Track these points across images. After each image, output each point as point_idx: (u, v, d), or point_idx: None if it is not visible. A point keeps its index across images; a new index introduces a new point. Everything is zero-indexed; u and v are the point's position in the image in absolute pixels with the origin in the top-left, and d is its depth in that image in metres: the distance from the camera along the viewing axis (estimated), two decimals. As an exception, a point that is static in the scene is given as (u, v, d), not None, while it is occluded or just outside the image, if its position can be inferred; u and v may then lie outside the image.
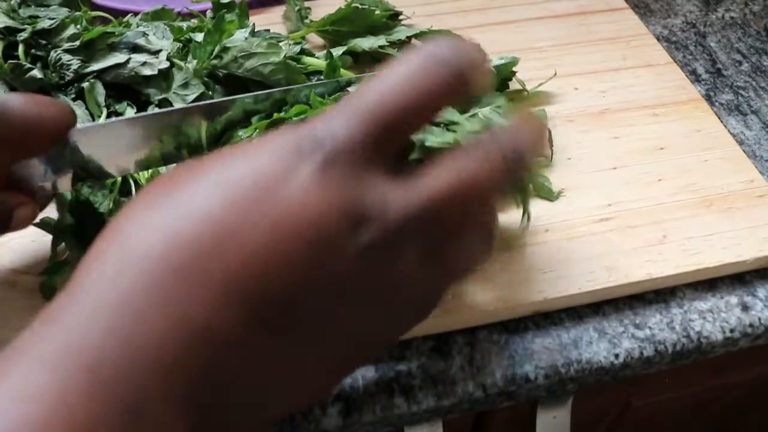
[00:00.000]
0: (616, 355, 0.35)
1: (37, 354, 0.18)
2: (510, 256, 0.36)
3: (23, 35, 0.39)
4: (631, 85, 0.48)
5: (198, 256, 0.19)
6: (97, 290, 0.19)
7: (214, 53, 0.39)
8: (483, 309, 0.34)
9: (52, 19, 0.40)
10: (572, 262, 0.36)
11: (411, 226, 0.21)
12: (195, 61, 0.39)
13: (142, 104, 0.40)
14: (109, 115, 0.39)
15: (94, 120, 0.38)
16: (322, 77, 0.41)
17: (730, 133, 0.44)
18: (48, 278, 0.34)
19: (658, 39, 0.54)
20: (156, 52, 0.40)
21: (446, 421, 0.39)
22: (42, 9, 0.43)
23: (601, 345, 0.35)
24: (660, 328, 0.36)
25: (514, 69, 0.43)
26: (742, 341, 0.37)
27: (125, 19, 0.43)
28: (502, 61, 0.41)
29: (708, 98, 0.50)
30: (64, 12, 0.43)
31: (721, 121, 0.45)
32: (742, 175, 0.41)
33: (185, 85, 0.39)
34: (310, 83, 0.38)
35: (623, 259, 0.36)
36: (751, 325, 0.36)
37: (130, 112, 0.39)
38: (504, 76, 0.42)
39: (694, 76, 0.52)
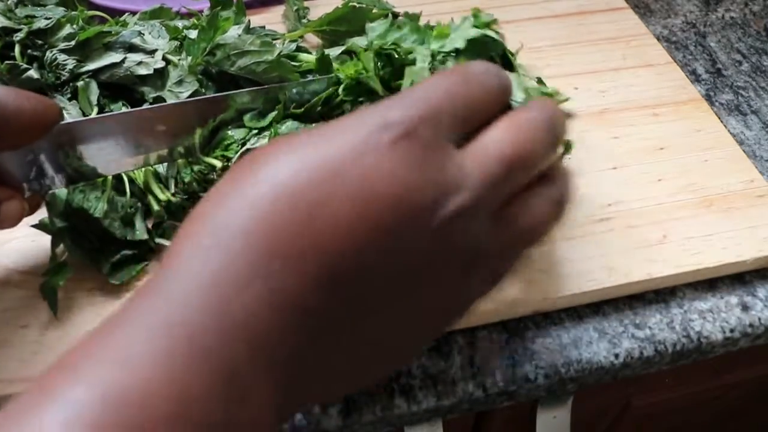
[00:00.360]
0: (616, 355, 0.35)
1: (140, 323, 0.18)
2: (510, 256, 0.36)
3: (19, 35, 0.39)
4: (631, 85, 0.48)
5: (292, 235, 0.20)
6: (194, 264, 0.19)
7: (207, 50, 0.39)
8: (483, 309, 0.34)
9: (49, 18, 0.40)
10: (572, 262, 0.36)
11: (490, 188, 0.22)
12: (189, 58, 0.39)
13: (136, 103, 0.40)
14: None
15: None
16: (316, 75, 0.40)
17: (730, 133, 0.44)
18: (48, 279, 0.34)
19: (658, 39, 0.54)
20: (152, 52, 0.40)
21: (446, 421, 0.39)
22: (39, 9, 0.43)
23: (601, 345, 0.35)
24: (660, 328, 0.36)
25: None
26: (742, 341, 0.37)
27: (122, 18, 0.43)
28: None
29: (708, 98, 0.50)
30: (60, 12, 0.43)
31: (721, 121, 0.45)
32: (742, 175, 0.41)
33: (179, 83, 0.39)
34: (303, 80, 0.38)
35: (623, 259, 0.36)
36: (751, 325, 0.36)
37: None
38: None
39: (694, 76, 0.52)
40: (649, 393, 0.51)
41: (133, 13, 0.45)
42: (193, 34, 0.40)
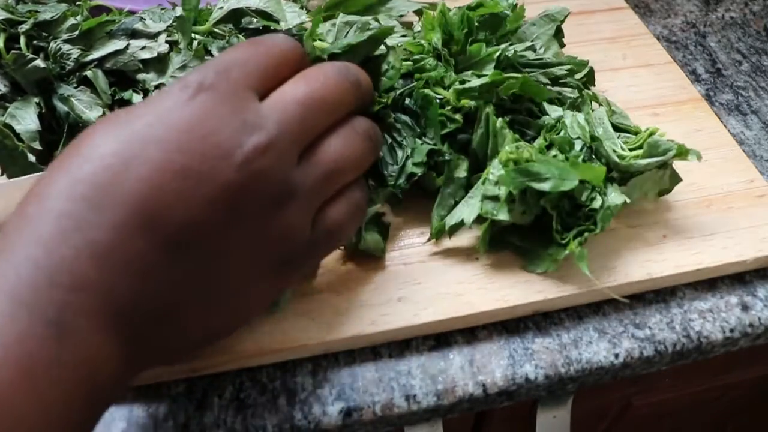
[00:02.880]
0: (616, 355, 0.35)
1: None
2: (510, 255, 0.36)
3: (25, 27, 0.39)
4: (631, 84, 0.48)
5: (97, 187, 0.22)
6: (15, 230, 0.22)
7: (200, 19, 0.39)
8: (483, 309, 0.34)
9: (54, 12, 0.41)
10: (572, 262, 0.36)
11: (287, 127, 0.25)
12: (185, 36, 0.39)
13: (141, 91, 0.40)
14: (113, 102, 0.39)
15: (103, 106, 0.39)
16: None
17: (730, 133, 0.44)
18: None
19: (658, 39, 0.54)
20: (155, 36, 0.40)
21: (446, 421, 0.39)
22: (40, 6, 0.43)
23: (601, 345, 0.35)
24: (660, 328, 0.36)
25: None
26: (742, 341, 0.37)
27: (125, 10, 0.44)
28: (555, 8, 0.45)
29: (708, 98, 0.50)
30: (63, 7, 0.43)
31: (721, 121, 0.45)
32: (742, 175, 0.41)
33: (183, 68, 0.39)
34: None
35: (623, 259, 0.36)
36: (751, 325, 0.36)
37: (137, 98, 0.39)
38: (559, 20, 0.45)
39: (694, 76, 0.52)
40: (649, 393, 0.51)
41: (132, 12, 0.45)
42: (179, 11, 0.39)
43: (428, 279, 0.35)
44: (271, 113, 0.25)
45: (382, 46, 0.36)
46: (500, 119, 0.36)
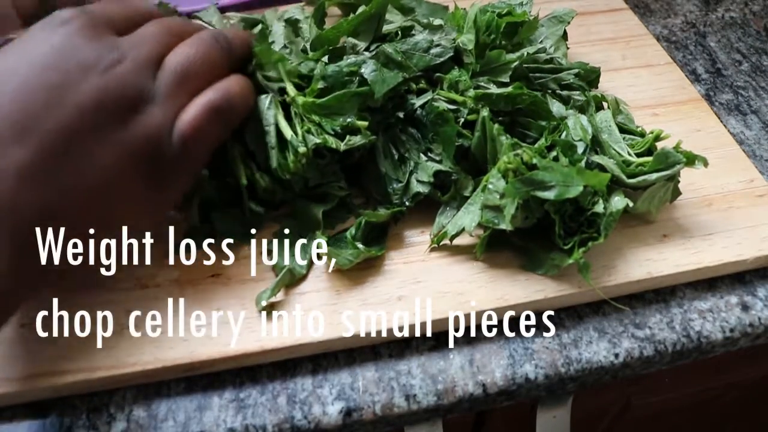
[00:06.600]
0: (616, 355, 0.35)
1: None
2: (509, 255, 0.36)
3: None
4: (631, 85, 0.48)
5: None
6: None
7: None
8: (482, 308, 0.34)
9: None
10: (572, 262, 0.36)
11: (142, 46, 0.30)
12: None
13: None
14: None
15: None
16: None
17: (730, 133, 0.44)
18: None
19: (658, 39, 0.54)
20: None
21: (446, 421, 0.39)
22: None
23: (601, 345, 0.35)
24: (660, 327, 0.36)
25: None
26: (742, 341, 0.37)
27: None
28: (562, 10, 0.46)
29: (708, 98, 0.50)
30: None
31: (721, 121, 0.45)
32: (742, 175, 0.41)
33: None
34: None
35: (623, 258, 0.36)
36: (751, 325, 0.36)
37: None
38: (567, 21, 0.45)
39: (694, 76, 0.52)
40: (649, 393, 0.51)
41: None
42: None
43: (428, 278, 0.35)
44: (126, 40, 0.30)
45: None
46: (496, 125, 0.36)
